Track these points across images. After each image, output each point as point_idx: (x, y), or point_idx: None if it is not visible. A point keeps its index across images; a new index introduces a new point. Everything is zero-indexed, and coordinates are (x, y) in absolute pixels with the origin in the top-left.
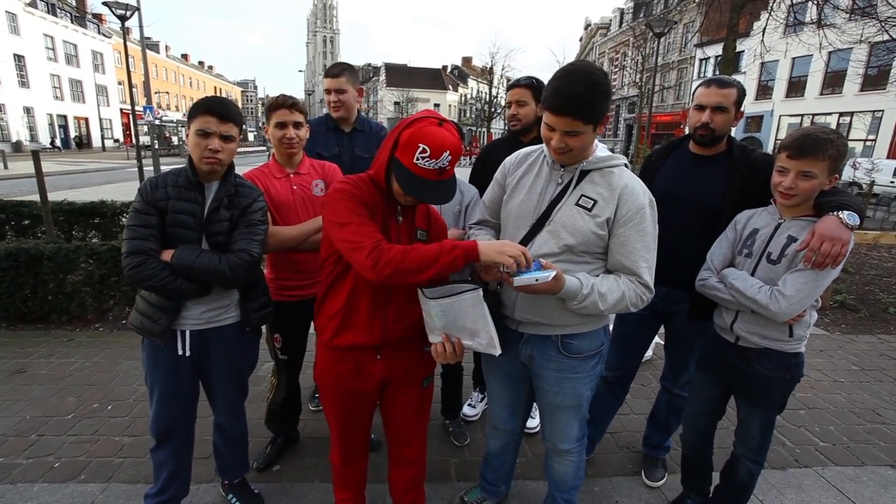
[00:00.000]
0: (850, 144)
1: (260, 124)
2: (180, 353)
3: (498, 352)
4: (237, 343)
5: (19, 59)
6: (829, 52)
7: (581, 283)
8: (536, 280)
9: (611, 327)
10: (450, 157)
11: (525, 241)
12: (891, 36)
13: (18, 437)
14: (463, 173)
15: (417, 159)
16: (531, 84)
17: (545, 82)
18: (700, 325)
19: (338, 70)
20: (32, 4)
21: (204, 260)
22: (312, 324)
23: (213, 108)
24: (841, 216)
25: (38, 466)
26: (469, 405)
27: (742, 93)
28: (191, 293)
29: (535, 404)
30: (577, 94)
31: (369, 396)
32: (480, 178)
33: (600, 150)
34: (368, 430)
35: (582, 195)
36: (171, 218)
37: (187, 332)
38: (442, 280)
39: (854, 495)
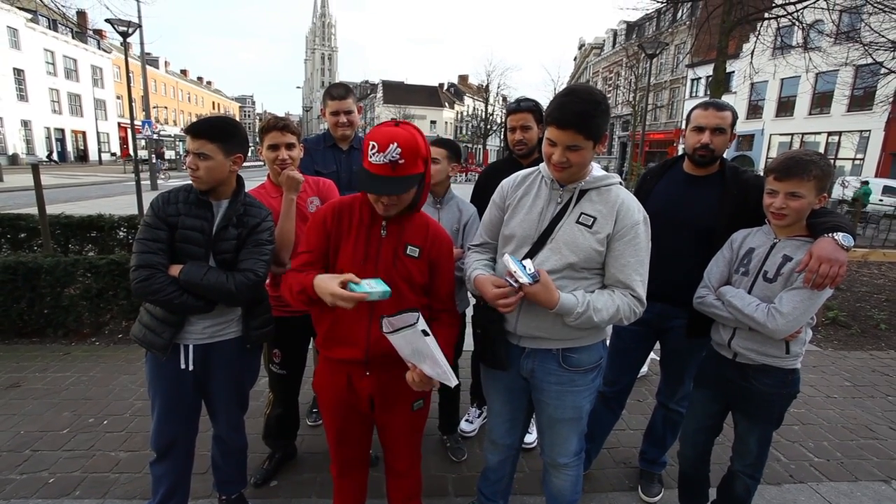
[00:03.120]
0: (839, 163)
1: (256, 140)
2: (183, 367)
3: (452, 383)
4: (238, 357)
5: (19, 73)
6: (816, 74)
7: (577, 301)
8: (514, 270)
9: (608, 342)
10: (399, 150)
11: (527, 258)
12: (874, 59)
13: (12, 452)
14: (460, 191)
15: (370, 157)
16: (532, 108)
17: (542, 104)
18: (695, 341)
19: (343, 91)
20: (34, 20)
21: (211, 277)
22: (312, 340)
23: (191, 126)
24: (836, 238)
25: (32, 482)
26: (466, 421)
27: (735, 116)
28: (196, 309)
29: (532, 420)
30: (580, 110)
31: (362, 411)
32: (481, 200)
33: (596, 170)
34: (365, 445)
35: (582, 213)
36: (180, 234)
37: (190, 347)
38: (402, 310)
39: None
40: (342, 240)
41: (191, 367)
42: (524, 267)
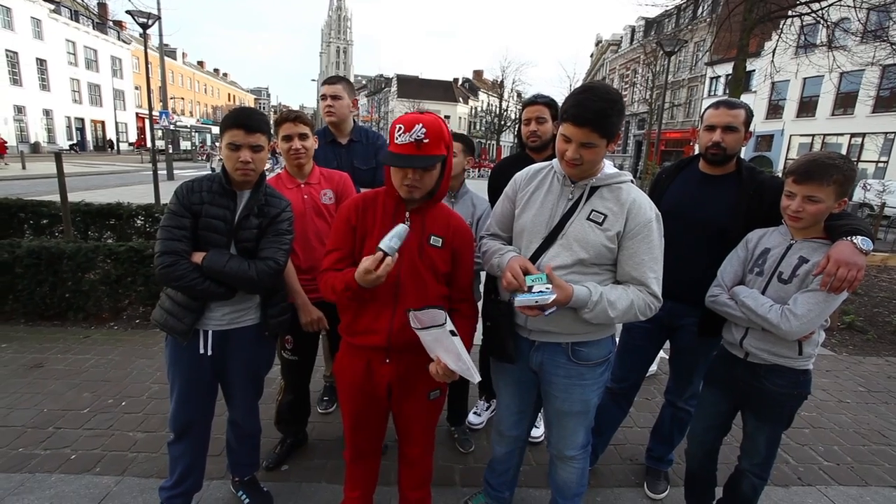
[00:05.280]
0: (862, 166)
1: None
2: (202, 351)
3: (475, 379)
4: (255, 344)
5: (41, 62)
6: (841, 74)
7: (590, 292)
8: (536, 302)
9: (617, 338)
10: (424, 129)
11: (537, 253)
12: None
13: (37, 428)
14: (474, 185)
15: (397, 138)
16: (549, 102)
17: (557, 101)
18: (705, 340)
19: (335, 78)
20: (56, 11)
21: (233, 265)
22: (322, 333)
23: (240, 121)
24: (855, 241)
25: (55, 458)
26: (475, 413)
27: (749, 114)
28: (217, 296)
29: (539, 414)
30: (598, 109)
31: (379, 399)
32: (494, 194)
33: (608, 167)
34: (379, 433)
35: (593, 210)
36: (203, 222)
37: (210, 332)
38: (427, 305)
39: None
40: (367, 233)
41: (209, 352)
42: (540, 292)
